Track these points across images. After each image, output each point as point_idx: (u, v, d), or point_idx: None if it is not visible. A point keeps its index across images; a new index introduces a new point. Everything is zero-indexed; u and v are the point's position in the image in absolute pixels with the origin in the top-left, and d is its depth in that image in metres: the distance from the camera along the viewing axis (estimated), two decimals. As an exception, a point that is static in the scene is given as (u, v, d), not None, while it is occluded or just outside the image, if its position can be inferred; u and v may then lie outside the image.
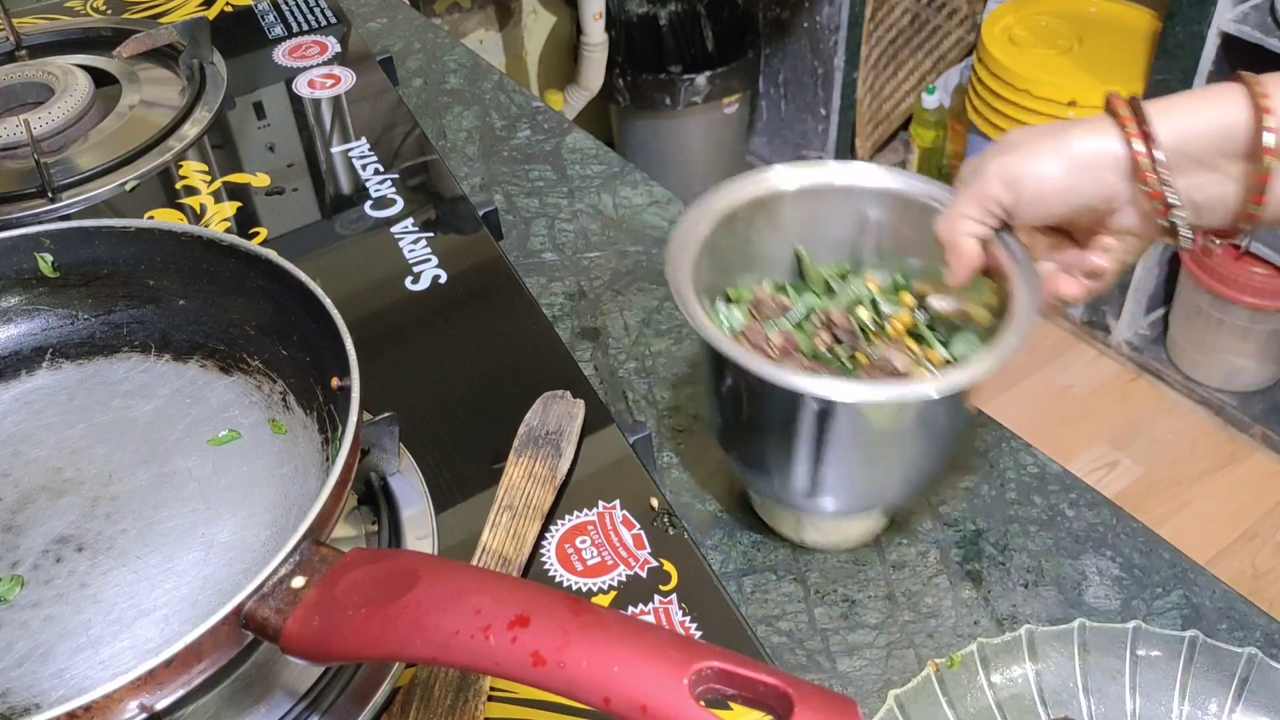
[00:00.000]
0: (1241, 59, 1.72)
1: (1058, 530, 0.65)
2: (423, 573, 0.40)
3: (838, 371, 0.58)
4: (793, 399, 0.52)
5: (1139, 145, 0.52)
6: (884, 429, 0.54)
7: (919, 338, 0.61)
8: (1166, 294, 2.06)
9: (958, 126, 2.27)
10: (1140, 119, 0.52)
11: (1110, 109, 0.54)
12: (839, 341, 0.60)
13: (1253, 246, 1.77)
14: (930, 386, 0.50)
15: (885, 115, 2.39)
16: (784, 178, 0.62)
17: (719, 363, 0.55)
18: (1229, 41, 1.69)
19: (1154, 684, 0.55)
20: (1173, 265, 2.01)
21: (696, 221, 0.58)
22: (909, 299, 0.62)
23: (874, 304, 0.62)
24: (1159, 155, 0.52)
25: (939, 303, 0.61)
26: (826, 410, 0.52)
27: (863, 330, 0.61)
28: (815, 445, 0.54)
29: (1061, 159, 0.54)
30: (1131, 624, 0.56)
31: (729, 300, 0.63)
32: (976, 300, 0.59)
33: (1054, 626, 0.56)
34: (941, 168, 2.39)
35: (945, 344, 0.61)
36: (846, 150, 2.35)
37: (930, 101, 2.29)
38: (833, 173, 0.62)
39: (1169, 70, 1.74)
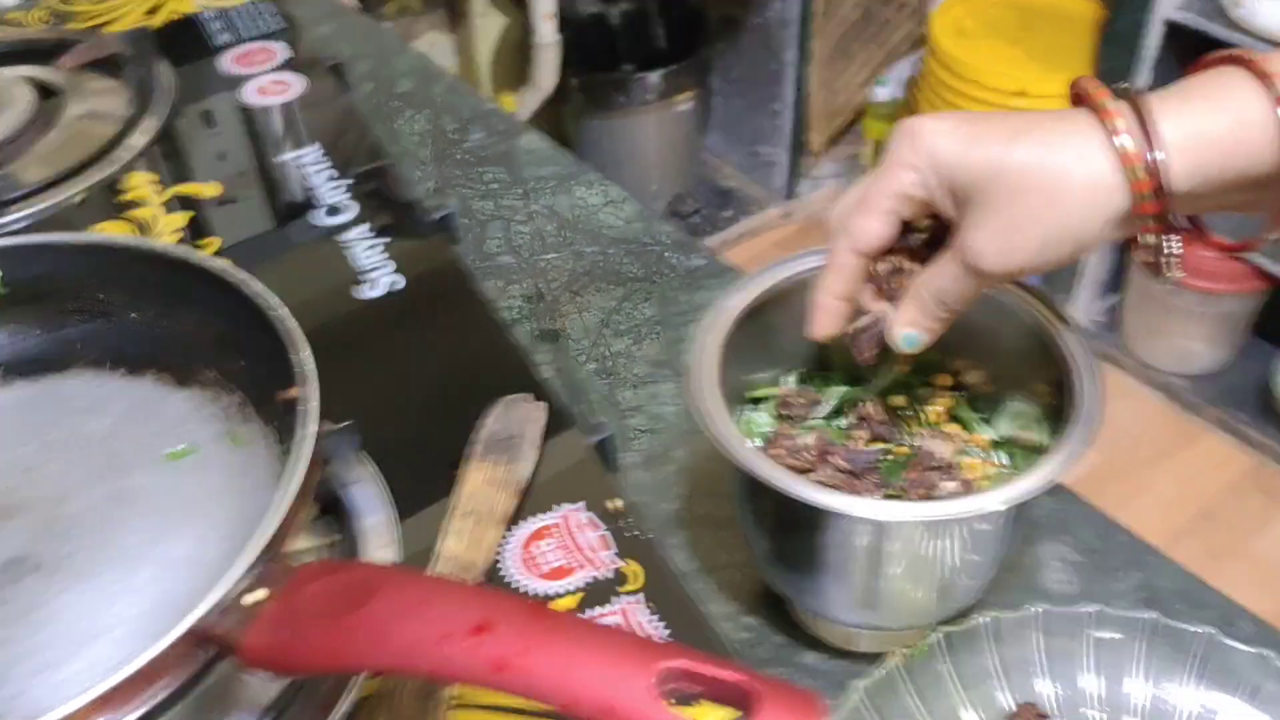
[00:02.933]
0: (1185, 46, 1.75)
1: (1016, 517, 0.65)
2: (381, 583, 0.40)
3: (880, 473, 0.55)
4: (842, 521, 0.49)
5: (1147, 199, 0.42)
6: (941, 542, 0.51)
7: (960, 420, 0.59)
8: (1118, 280, 2.09)
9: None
10: (1145, 126, 0.41)
11: (1099, 109, 0.43)
12: (878, 439, 0.57)
13: (1201, 231, 1.80)
14: (992, 500, 0.47)
15: (838, 109, 2.41)
16: (806, 264, 0.58)
17: (755, 485, 0.50)
18: (1173, 29, 1.71)
19: (1115, 666, 0.56)
20: (1123, 252, 2.04)
21: (712, 326, 0.55)
22: (945, 378, 0.59)
23: (908, 387, 0.59)
24: (1171, 184, 0.41)
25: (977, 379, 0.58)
26: (881, 529, 0.49)
27: (901, 420, 0.57)
28: (870, 566, 0.51)
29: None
30: (1091, 608, 0.57)
31: (752, 402, 0.59)
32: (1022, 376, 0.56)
33: (1015, 612, 0.57)
34: (895, 160, 2.40)
35: (988, 420, 0.59)
36: (799, 145, 2.36)
37: (882, 94, 2.30)
38: None
39: (1115, 58, 1.77)
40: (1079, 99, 0.45)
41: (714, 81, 2.42)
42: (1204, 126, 0.41)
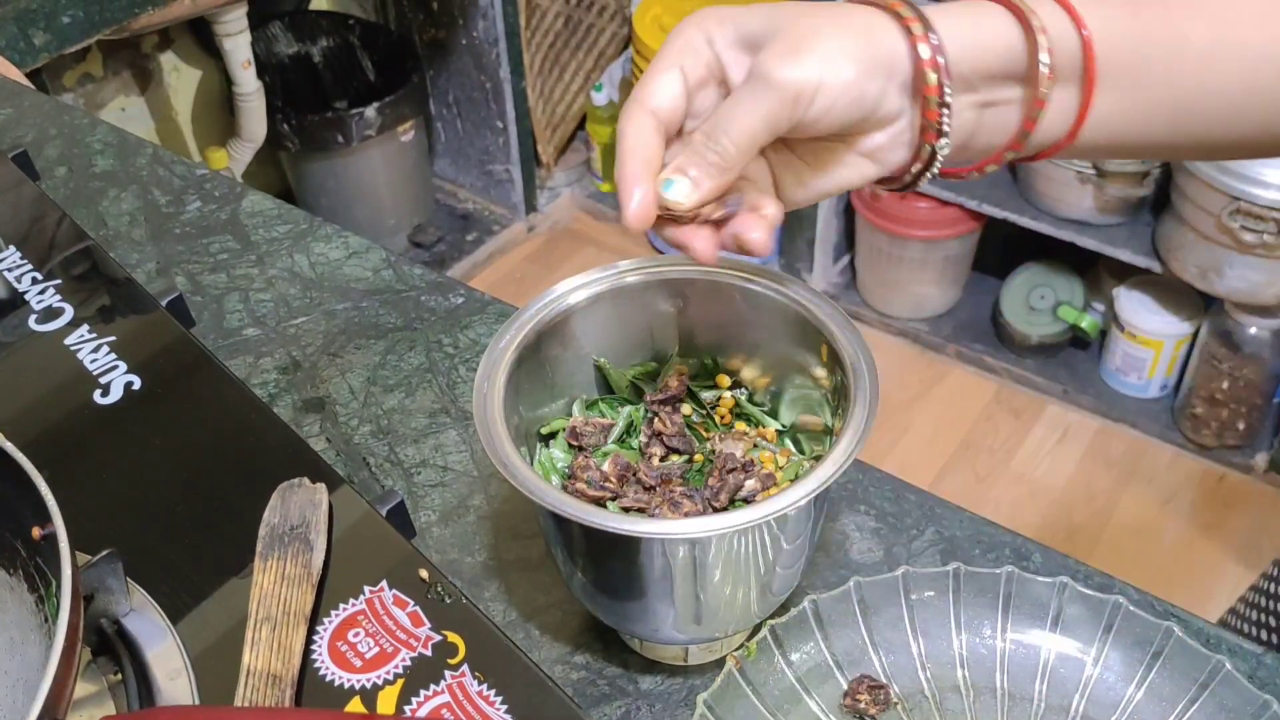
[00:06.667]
0: None
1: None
2: (187, 729, 0.36)
3: (682, 485, 0.55)
4: (656, 545, 0.48)
5: (925, 52, 0.45)
6: (754, 544, 0.51)
7: (745, 416, 0.59)
8: (848, 241, 2.21)
9: (631, 118, 2.33)
10: (925, 22, 0.45)
11: (887, 6, 0.46)
12: (675, 451, 0.56)
13: (914, 185, 1.92)
14: (789, 499, 0.47)
15: (560, 118, 2.42)
16: (568, 293, 0.57)
17: (566, 526, 0.50)
18: None
19: (931, 622, 0.58)
20: (848, 216, 2.16)
21: (490, 372, 0.53)
22: (724, 379, 0.60)
23: (692, 395, 0.59)
24: (944, 65, 0.45)
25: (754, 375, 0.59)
26: (695, 545, 0.49)
27: (691, 429, 0.58)
28: (691, 582, 0.50)
29: (855, 60, 0.45)
30: (900, 571, 0.58)
31: (545, 440, 0.58)
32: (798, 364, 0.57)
33: (832, 592, 0.58)
34: (624, 160, 2.44)
35: (772, 412, 0.59)
36: (530, 159, 2.36)
37: (600, 98, 2.34)
38: (621, 272, 0.57)
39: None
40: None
41: (434, 107, 2.38)
42: (970, 34, 0.46)
